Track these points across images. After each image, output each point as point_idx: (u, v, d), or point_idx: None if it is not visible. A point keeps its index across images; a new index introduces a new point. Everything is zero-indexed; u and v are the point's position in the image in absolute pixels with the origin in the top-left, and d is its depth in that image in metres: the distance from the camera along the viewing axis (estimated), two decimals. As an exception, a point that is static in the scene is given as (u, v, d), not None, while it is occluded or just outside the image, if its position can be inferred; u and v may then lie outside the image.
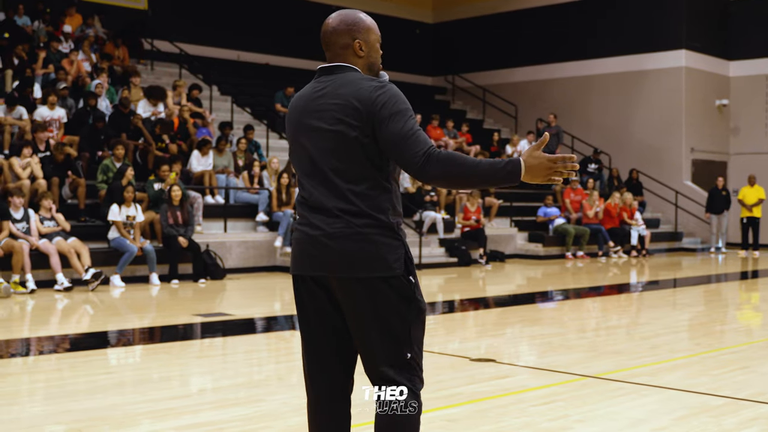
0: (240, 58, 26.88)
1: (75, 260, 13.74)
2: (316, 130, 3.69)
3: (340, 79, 3.73)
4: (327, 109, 3.68)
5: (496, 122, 29.75)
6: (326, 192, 3.66)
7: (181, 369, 8.18)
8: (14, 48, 19.63)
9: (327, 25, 3.85)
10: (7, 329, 10.86)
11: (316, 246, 3.65)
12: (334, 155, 3.65)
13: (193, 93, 20.94)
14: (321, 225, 3.64)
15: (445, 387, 6.97)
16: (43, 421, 5.94)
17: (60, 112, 17.56)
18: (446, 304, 13.88)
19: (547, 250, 21.71)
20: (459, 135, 25.09)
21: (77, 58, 20.30)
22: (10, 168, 14.97)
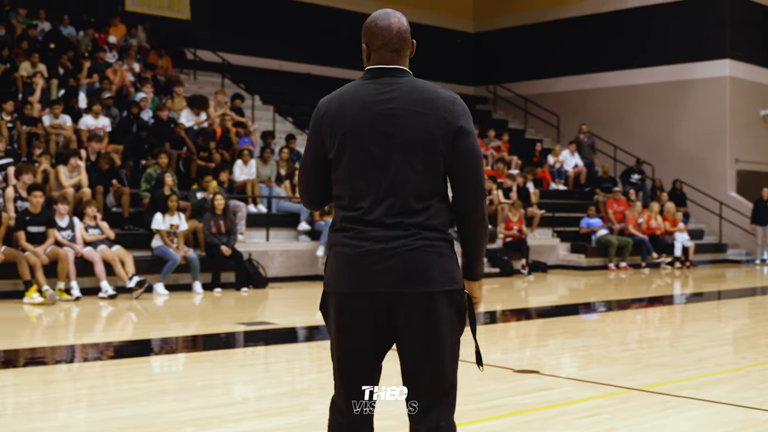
0: (282, 68, 26.98)
1: (119, 268, 13.84)
2: (390, 137, 3.50)
3: (407, 84, 3.60)
4: (404, 116, 3.51)
5: (538, 132, 29.63)
6: (393, 203, 3.48)
7: (223, 377, 8.20)
8: (60, 58, 19.85)
9: (399, 25, 3.66)
10: (52, 336, 10.97)
11: (376, 260, 3.46)
12: (410, 165, 3.49)
13: (235, 102, 21.06)
14: (382, 238, 3.47)
15: (489, 398, 6.93)
16: (89, 428, 5.98)
17: (104, 121, 17.74)
18: (488, 315, 13.81)
19: (589, 261, 21.57)
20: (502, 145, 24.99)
21: (121, 67, 20.50)
22: (56, 176, 15.13)
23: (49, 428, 5.97)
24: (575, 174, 25.23)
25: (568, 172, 25.20)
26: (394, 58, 3.65)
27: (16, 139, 16.70)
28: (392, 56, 3.64)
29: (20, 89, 18.32)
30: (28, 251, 13.21)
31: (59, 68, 19.59)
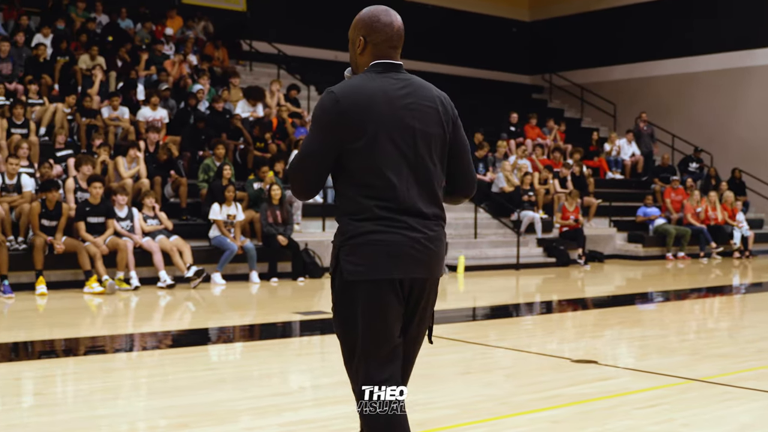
0: (337, 58, 26.98)
1: (177, 258, 13.98)
2: (413, 130, 3.67)
3: (414, 80, 3.81)
4: (422, 110, 3.72)
5: (594, 121, 29.35)
6: (421, 193, 3.67)
7: (280, 366, 8.25)
8: (118, 50, 20.06)
9: (399, 23, 3.88)
10: (112, 325, 11.11)
11: (416, 248, 3.62)
12: (430, 157, 3.70)
13: (291, 93, 21.14)
14: (418, 227, 3.64)
15: (547, 388, 6.90)
16: (150, 416, 6.05)
17: (162, 112, 17.91)
18: (544, 305, 13.76)
19: (647, 251, 21.35)
20: (558, 134, 24.82)
21: (179, 60, 20.67)
22: (115, 168, 15.30)
23: (109, 416, 6.04)
24: (632, 163, 24.99)
25: (625, 161, 24.96)
26: (393, 54, 3.83)
27: (76, 131, 16.92)
28: (391, 52, 3.83)
29: (79, 82, 18.54)
30: (88, 242, 13.38)
31: (117, 61, 19.79)
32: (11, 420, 5.99)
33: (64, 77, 18.63)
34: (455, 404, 6.30)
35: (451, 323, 11.17)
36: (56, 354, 8.91)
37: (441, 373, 7.64)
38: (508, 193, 20.17)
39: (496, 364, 8.20)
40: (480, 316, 12.48)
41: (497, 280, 16.50)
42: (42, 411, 6.26)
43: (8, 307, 11.90)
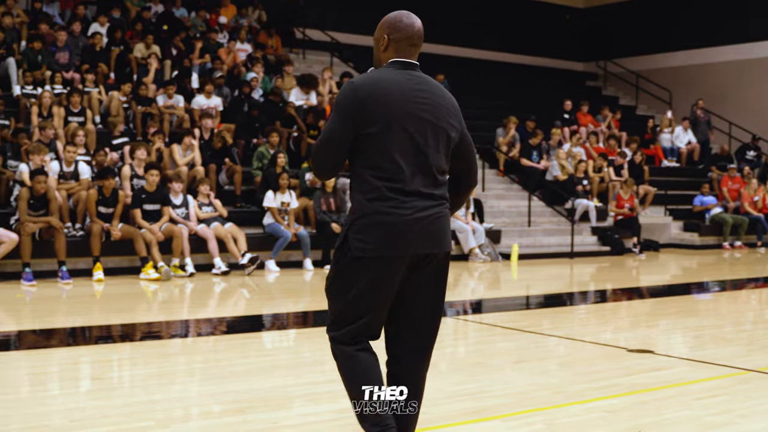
0: (391, 46, 26.97)
1: (232, 245, 14.06)
2: (424, 122, 4.11)
3: (430, 80, 4.23)
4: (434, 105, 4.16)
5: (650, 108, 29.03)
6: (427, 177, 4.11)
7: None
8: (173, 39, 20.20)
9: (420, 25, 4.24)
10: (167, 311, 11.22)
11: (420, 227, 4.06)
12: (437, 147, 4.14)
13: (343, 80, 21.14)
14: (424, 208, 4.09)
15: (603, 377, 6.85)
16: (206, 401, 6.09)
17: (216, 100, 18.02)
18: (598, 294, 13.66)
19: (703, 240, 21.09)
20: (612, 122, 24.60)
21: (233, 48, 20.77)
22: (170, 155, 15.43)
23: (165, 400, 6.09)
24: (688, 151, 24.69)
25: (681, 149, 24.67)
26: (412, 53, 4.24)
27: (132, 119, 17.09)
28: (411, 50, 4.24)
29: (135, 70, 18.71)
30: (144, 228, 13.51)
31: (172, 49, 19.93)
32: (69, 404, 6.07)
33: (119, 66, 18.81)
34: (510, 393, 6.27)
35: (504, 311, 11.15)
36: (113, 339, 9.02)
37: (494, 362, 7.62)
38: (562, 181, 20.04)
39: (550, 353, 8.15)
40: (533, 305, 12.42)
41: (551, 268, 16.40)
42: (99, 395, 6.33)
43: (66, 292, 12.06)
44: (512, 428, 5.36)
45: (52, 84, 17.07)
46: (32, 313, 10.74)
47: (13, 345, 8.64)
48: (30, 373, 7.20)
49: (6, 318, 10.43)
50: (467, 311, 11.41)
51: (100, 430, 5.26)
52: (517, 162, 20.72)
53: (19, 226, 12.67)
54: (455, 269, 15.57)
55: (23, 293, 11.85)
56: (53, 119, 15.60)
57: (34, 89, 16.68)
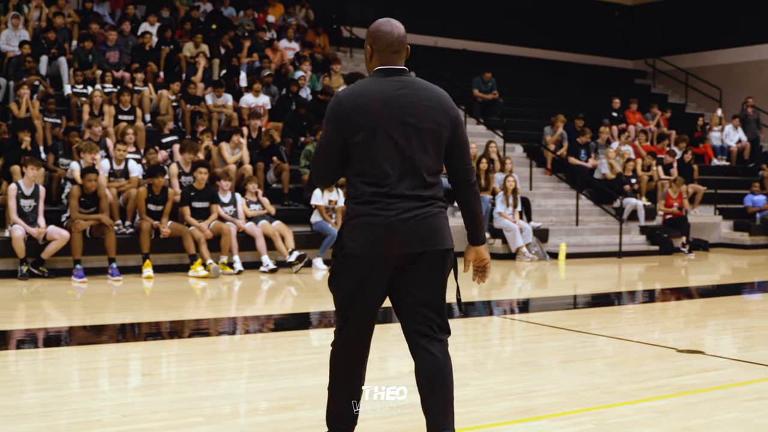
0: (437, 44, 26.93)
1: (279, 243, 14.12)
2: (408, 126, 4.26)
3: (415, 82, 4.37)
4: (418, 108, 4.29)
5: (699, 106, 28.71)
6: (415, 180, 4.27)
7: (380, 351, 8.26)
8: (221, 38, 20.33)
9: (399, 31, 4.45)
10: (215, 308, 11.30)
11: (405, 227, 4.24)
12: (424, 149, 4.28)
13: (391, 79, 21.12)
14: (410, 209, 4.26)
15: (652, 378, 6.79)
16: (254, 398, 6.13)
17: (264, 99, 18.11)
18: (647, 293, 13.55)
19: (753, 240, 20.79)
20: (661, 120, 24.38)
21: (280, 46, 20.86)
22: (219, 153, 15.53)
23: (213, 397, 6.13)
24: (738, 149, 24.40)
25: (730, 148, 24.39)
26: (395, 59, 4.41)
27: (181, 117, 17.22)
28: (394, 57, 4.41)
29: (184, 69, 18.85)
30: (193, 226, 13.61)
31: (221, 48, 20.06)
32: (118, 399, 6.13)
33: (169, 65, 18.97)
34: (559, 392, 6.24)
35: (551, 311, 11.09)
36: (162, 336, 9.10)
37: (542, 361, 7.58)
38: (611, 179, 19.89)
39: (599, 353, 8.10)
40: (581, 304, 12.34)
41: (599, 267, 16.29)
42: (148, 391, 6.39)
43: (116, 289, 12.19)
44: (561, 428, 5.33)
45: (103, 83, 17.26)
46: (83, 310, 10.87)
47: (64, 341, 8.75)
48: (80, 369, 7.29)
49: (57, 314, 10.56)
50: (514, 310, 11.37)
51: (150, 425, 5.30)
52: (565, 160, 20.60)
53: (70, 224, 12.82)
54: (503, 267, 15.53)
55: (74, 290, 11.99)
56: (104, 118, 15.77)
57: (85, 88, 16.86)
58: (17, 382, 6.86)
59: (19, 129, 14.17)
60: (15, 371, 7.33)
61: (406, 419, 5.47)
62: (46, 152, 14.63)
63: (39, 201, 12.91)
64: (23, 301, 11.36)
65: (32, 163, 12.94)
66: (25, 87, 15.54)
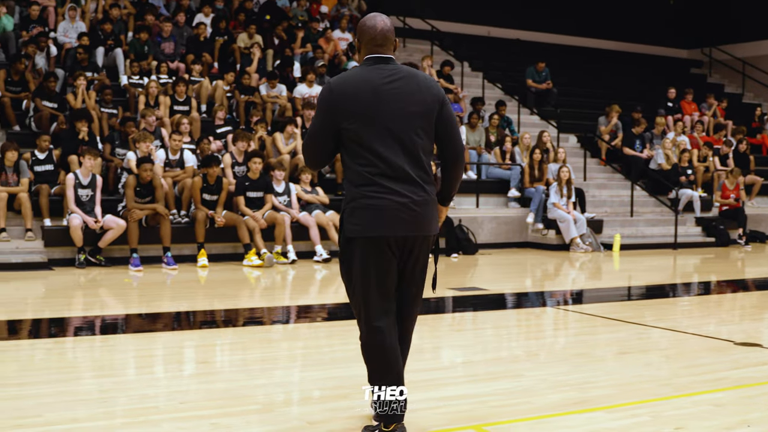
0: (490, 34, 26.82)
1: (333, 232, 14.16)
2: (396, 110, 4.54)
3: (402, 69, 4.65)
4: (405, 92, 4.58)
5: (757, 96, 28.28)
6: (407, 162, 4.54)
7: (434, 342, 8.26)
8: (275, 29, 20.40)
9: (384, 25, 4.68)
10: (269, 297, 11.36)
11: (403, 210, 4.53)
12: (414, 131, 4.57)
13: (444, 69, 21.11)
14: (406, 192, 4.54)
15: (709, 371, 6.71)
16: (309, 386, 6.16)
17: (318, 89, 18.13)
18: (702, 285, 13.40)
19: (812, 231, 20.48)
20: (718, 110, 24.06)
21: (333, 36, 20.89)
22: (273, 143, 15.61)
23: (267, 385, 6.17)
24: (798, 140, 24.03)
25: (790, 138, 24.03)
26: (386, 50, 4.69)
27: (235, 107, 17.32)
28: (384, 49, 4.69)
29: (238, 60, 18.96)
30: (248, 216, 13.69)
31: (274, 39, 20.13)
32: (172, 386, 6.20)
33: (223, 55, 19.08)
34: (614, 384, 6.19)
35: (606, 302, 11.01)
36: (216, 324, 9.17)
37: (597, 353, 7.54)
38: (666, 170, 19.68)
39: (654, 345, 8.02)
40: (635, 296, 12.24)
41: (654, 259, 16.14)
42: (202, 378, 6.44)
43: (171, 278, 12.31)
44: (617, 419, 5.29)
45: (158, 74, 17.42)
46: (139, 298, 10.99)
47: (120, 328, 8.85)
48: (136, 356, 7.37)
49: (114, 302, 10.69)
50: (567, 301, 11.30)
51: (205, 412, 5.34)
52: (620, 151, 20.42)
53: (126, 213, 12.97)
54: (557, 258, 15.47)
55: (130, 278, 12.14)
56: (159, 108, 15.91)
57: (141, 79, 17.03)
58: (75, 368, 6.95)
59: (76, 119, 14.35)
60: (73, 358, 7.44)
61: (454, 409, 5.47)
62: (103, 142, 14.81)
63: (96, 190, 13.07)
64: (81, 289, 11.51)
65: (89, 153, 13.11)
66: (82, 78, 15.73)
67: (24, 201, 13.02)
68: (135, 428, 5.02)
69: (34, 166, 13.77)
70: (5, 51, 17.15)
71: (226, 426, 5.07)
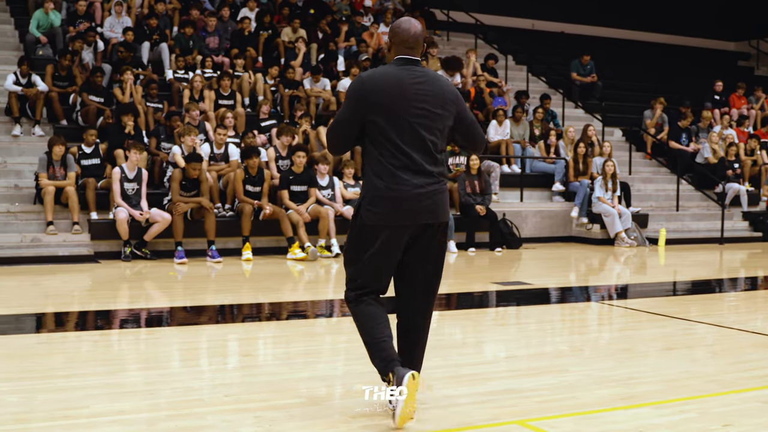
0: (534, 27, 26.69)
1: (375, 227, 14.13)
2: (421, 109, 4.86)
3: (429, 73, 4.98)
4: (431, 95, 4.90)
5: (806, 89, 27.88)
6: (425, 157, 4.87)
7: (477, 336, 8.24)
8: (318, 23, 20.43)
9: (416, 29, 4.99)
10: (313, 291, 11.40)
11: (419, 200, 4.84)
12: (431, 131, 4.89)
13: (488, 63, 21.03)
14: (422, 183, 4.85)
15: (757, 367, 6.64)
16: (352, 380, 6.15)
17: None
18: (749, 281, 13.24)
19: None
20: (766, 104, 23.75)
21: (377, 30, 20.89)
22: (317, 137, 15.63)
23: (310, 378, 6.17)
24: None
25: (840, 131, 23.66)
26: (411, 54, 4.99)
27: (279, 102, 17.37)
28: (409, 52, 4.99)
29: (282, 54, 19.01)
30: (291, 209, 13.73)
31: (318, 33, 20.16)
32: (216, 379, 6.22)
33: (267, 50, 19.14)
34: (660, 380, 6.13)
35: (651, 297, 10.92)
36: (260, 317, 9.20)
37: (642, 348, 7.47)
38: (713, 164, 19.48)
39: (700, 341, 7.94)
40: (681, 291, 12.12)
41: (699, 254, 15.99)
42: (246, 371, 6.47)
43: (216, 271, 12.38)
44: (664, 416, 5.23)
45: (203, 68, 17.51)
46: (183, 291, 11.07)
47: (165, 321, 8.91)
48: (181, 349, 7.42)
49: (159, 295, 10.77)
50: (612, 296, 11.22)
51: (248, 405, 5.36)
52: (665, 145, 20.23)
53: (172, 206, 13.06)
54: (601, 253, 15.38)
55: (175, 271, 12.22)
56: (204, 102, 16.00)
57: (186, 73, 17.14)
58: (121, 360, 7.01)
59: (122, 114, 14.47)
60: (119, 350, 7.50)
61: (498, 404, 5.44)
62: (149, 136, 14.93)
63: (142, 184, 13.18)
64: (126, 281, 11.61)
65: (135, 147, 13.21)
66: (129, 72, 15.85)
67: (71, 194, 13.15)
68: (180, 420, 5.05)
69: (80, 160, 13.91)
70: (53, 46, 17.33)
71: (270, 419, 5.08)
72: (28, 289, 10.75)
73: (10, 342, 7.49)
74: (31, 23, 17.48)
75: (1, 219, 13.07)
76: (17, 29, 18.57)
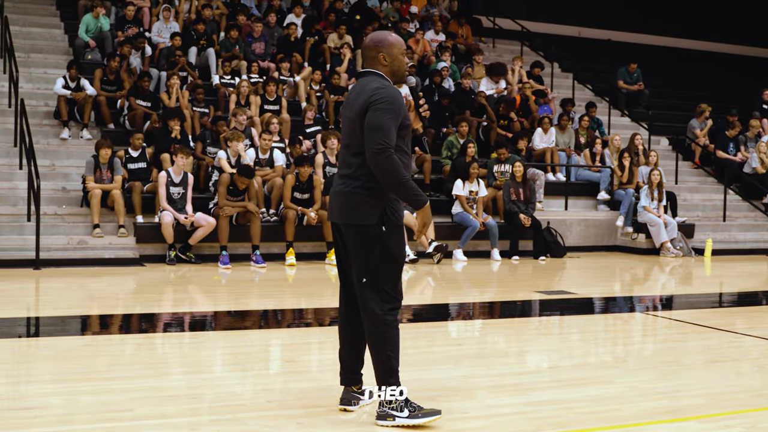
0: (581, 35, 26.56)
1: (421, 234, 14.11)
2: (347, 116, 5.20)
3: (364, 81, 5.23)
4: (355, 102, 5.13)
5: None
6: (343, 160, 5.21)
7: (520, 345, 8.20)
8: (365, 29, 20.46)
9: (365, 43, 5.38)
10: (356, 297, 11.36)
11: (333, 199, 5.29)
12: (347, 136, 5.20)
13: (534, 70, 20.96)
14: (336, 184, 5.24)
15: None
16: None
17: (406, 90, 18.13)
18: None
19: None
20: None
21: (422, 37, 20.88)
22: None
23: (354, 386, 6.16)
24: None
25: None
26: (365, 65, 5.41)
27: (324, 107, 17.41)
28: (364, 63, 5.44)
29: (328, 60, 19.06)
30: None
31: (365, 39, 20.18)
32: (258, 385, 6.25)
33: (313, 55, 19.21)
34: (705, 393, 6.07)
35: (696, 309, 10.81)
36: (303, 323, 9.22)
37: (687, 361, 7.40)
38: (761, 174, 19.25)
39: (746, 354, 7.84)
40: (727, 303, 11.99)
41: (746, 265, 15.81)
42: (289, 377, 6.48)
43: (260, 276, 12.43)
44: (709, 430, 5.18)
45: (249, 73, 17.61)
46: (227, 295, 11.11)
47: (209, 325, 8.96)
48: (224, 353, 7.45)
49: (203, 299, 10.83)
50: (657, 307, 11.12)
51: (290, 412, 5.37)
52: (713, 154, 20.03)
53: (217, 210, 13.13)
54: (646, 263, 15.26)
55: (219, 275, 12.28)
56: (250, 107, 16.09)
57: (232, 79, 17.23)
58: (165, 364, 7.06)
59: (169, 118, 14.58)
60: (162, 353, 7.55)
61: (541, 415, 5.41)
62: (195, 141, 15.02)
63: (187, 188, 13.27)
64: (171, 285, 11.70)
65: (181, 151, 13.30)
66: (176, 77, 15.98)
67: (117, 198, 13.27)
68: (222, 425, 5.07)
69: (127, 164, 14.04)
70: (101, 51, 17.52)
71: (311, 425, 5.09)
72: (74, 291, 10.87)
73: (56, 344, 7.58)
74: (81, 27, 17.70)
75: (49, 221, 13.21)
76: (66, 33, 18.79)
